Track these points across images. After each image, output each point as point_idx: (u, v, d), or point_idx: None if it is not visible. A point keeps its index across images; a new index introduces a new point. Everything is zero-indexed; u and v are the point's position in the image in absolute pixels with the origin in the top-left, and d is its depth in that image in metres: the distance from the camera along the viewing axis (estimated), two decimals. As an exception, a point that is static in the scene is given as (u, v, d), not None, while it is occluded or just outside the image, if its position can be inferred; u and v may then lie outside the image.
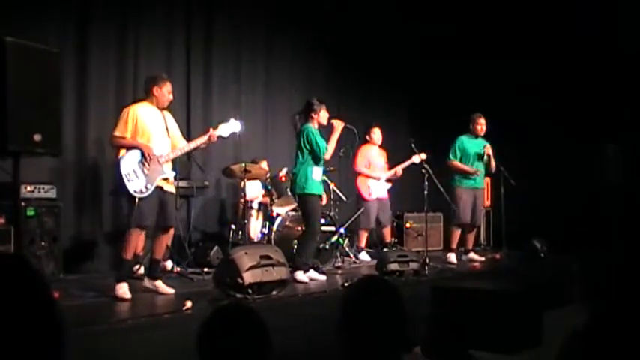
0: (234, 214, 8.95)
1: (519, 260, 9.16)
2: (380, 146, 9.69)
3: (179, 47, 9.10)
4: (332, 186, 9.18)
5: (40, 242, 6.81)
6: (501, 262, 9.14)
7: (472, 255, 9.25)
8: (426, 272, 7.61)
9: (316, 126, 7.43)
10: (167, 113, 6.43)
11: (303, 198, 7.32)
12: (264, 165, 8.85)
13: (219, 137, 6.64)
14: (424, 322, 4.48)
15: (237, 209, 8.66)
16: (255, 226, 8.53)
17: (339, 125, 7.46)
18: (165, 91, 6.27)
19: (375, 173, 9.44)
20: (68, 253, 7.41)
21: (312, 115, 7.42)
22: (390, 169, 9.58)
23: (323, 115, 7.48)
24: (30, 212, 6.74)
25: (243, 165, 7.98)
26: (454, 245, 9.13)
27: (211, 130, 6.53)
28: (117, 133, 6.06)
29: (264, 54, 10.29)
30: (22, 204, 6.54)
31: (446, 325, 4.44)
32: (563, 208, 10.00)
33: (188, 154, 7.74)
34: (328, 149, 7.31)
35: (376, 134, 9.58)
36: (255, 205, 8.59)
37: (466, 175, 9.04)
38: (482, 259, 9.23)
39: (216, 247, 8.08)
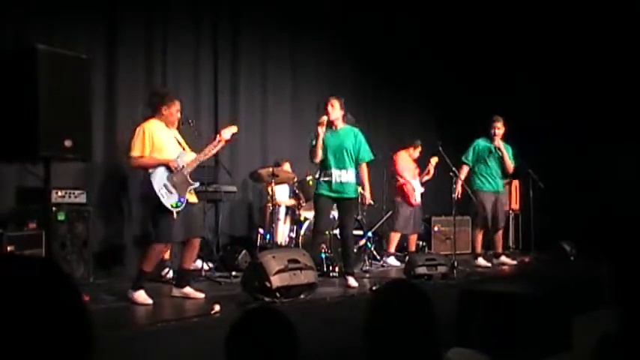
0: (262, 218, 8.97)
1: (548, 263, 9.08)
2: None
3: (206, 54, 9.16)
4: (360, 190, 9.15)
5: (70, 246, 6.88)
6: (530, 266, 9.06)
7: (503, 258, 9.16)
8: (455, 276, 7.55)
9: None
10: (175, 131, 6.35)
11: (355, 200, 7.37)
12: (287, 167, 8.87)
13: (225, 141, 6.62)
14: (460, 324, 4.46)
15: (265, 213, 8.69)
16: (283, 230, 8.54)
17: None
18: (174, 111, 6.17)
19: (408, 178, 9.49)
20: (98, 258, 7.49)
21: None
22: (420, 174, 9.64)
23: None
24: (60, 217, 6.81)
25: (271, 169, 8.01)
26: (479, 249, 9.06)
27: (219, 136, 6.43)
28: (135, 153, 5.95)
29: (289, 59, 10.31)
30: (53, 209, 6.61)
31: (481, 327, 4.41)
32: (592, 211, 9.91)
33: (216, 160, 7.81)
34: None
35: (417, 151, 9.73)
36: (282, 209, 8.61)
37: (485, 177, 8.96)
38: (514, 262, 9.14)
39: (244, 251, 8.09)
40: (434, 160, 9.18)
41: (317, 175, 7.28)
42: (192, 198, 6.24)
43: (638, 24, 10.02)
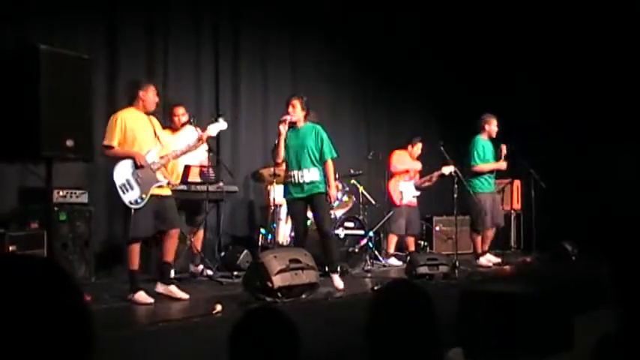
0: (264, 218, 8.97)
1: (550, 263, 9.06)
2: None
3: (207, 54, 9.17)
4: (361, 189, 9.16)
5: (72, 246, 6.88)
6: (532, 266, 9.04)
7: (488, 256, 9.10)
8: (456, 276, 7.54)
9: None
10: (153, 118, 6.28)
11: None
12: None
13: (209, 136, 6.63)
14: (461, 323, 4.46)
15: (267, 213, 8.68)
16: (284, 230, 8.53)
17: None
18: (151, 94, 6.10)
19: (406, 181, 9.45)
20: (99, 258, 7.49)
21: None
22: (421, 177, 9.58)
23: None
24: (62, 217, 6.81)
25: (272, 169, 8.01)
26: (480, 250, 9.02)
27: (201, 136, 6.48)
28: (105, 142, 5.92)
29: (289, 59, 10.30)
30: (55, 209, 6.61)
31: (482, 327, 4.41)
32: (593, 211, 9.90)
33: (218, 160, 7.82)
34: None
35: (417, 147, 9.65)
36: (284, 209, 8.60)
37: (485, 178, 8.94)
38: (499, 260, 9.10)
39: (245, 251, 8.09)
40: (447, 170, 8.90)
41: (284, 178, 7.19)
42: (166, 192, 6.18)
43: (638, 23, 10.01)
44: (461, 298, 4.80)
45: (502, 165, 9.00)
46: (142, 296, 5.82)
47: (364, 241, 8.55)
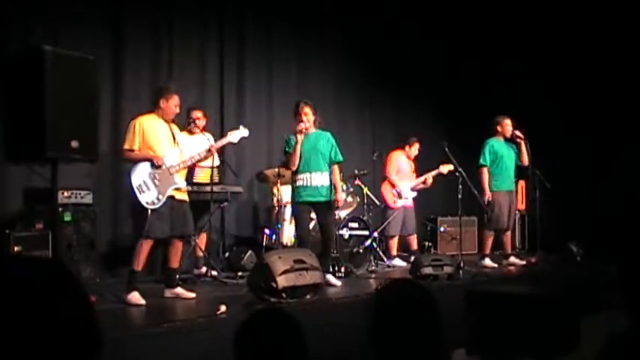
0: (268, 219, 8.97)
1: (555, 264, 9.03)
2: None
3: (212, 54, 9.16)
4: (365, 190, 9.15)
5: (77, 247, 6.88)
6: (537, 267, 9.02)
7: (512, 259, 9.14)
8: (461, 276, 7.52)
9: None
10: (174, 126, 6.39)
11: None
12: None
13: (229, 143, 6.82)
14: (466, 325, 4.46)
15: (271, 214, 8.68)
16: (289, 231, 8.52)
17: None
18: (172, 104, 6.20)
19: (402, 182, 9.43)
20: (105, 258, 7.50)
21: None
22: (417, 177, 9.57)
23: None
24: (67, 217, 6.82)
25: (277, 170, 8.01)
26: (488, 250, 9.03)
27: (215, 144, 6.69)
28: (125, 146, 6.06)
29: (295, 60, 10.30)
30: (60, 209, 6.62)
31: (487, 329, 4.40)
32: (599, 211, 9.88)
33: (221, 160, 7.82)
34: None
35: (414, 148, 9.60)
36: (288, 210, 8.59)
37: (501, 177, 8.93)
38: (523, 262, 9.10)
39: (249, 252, 8.08)
40: (445, 168, 9.10)
41: (292, 181, 7.21)
42: (181, 196, 6.24)
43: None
44: (466, 298, 4.79)
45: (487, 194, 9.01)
46: (134, 297, 5.83)
47: (369, 242, 8.53)
